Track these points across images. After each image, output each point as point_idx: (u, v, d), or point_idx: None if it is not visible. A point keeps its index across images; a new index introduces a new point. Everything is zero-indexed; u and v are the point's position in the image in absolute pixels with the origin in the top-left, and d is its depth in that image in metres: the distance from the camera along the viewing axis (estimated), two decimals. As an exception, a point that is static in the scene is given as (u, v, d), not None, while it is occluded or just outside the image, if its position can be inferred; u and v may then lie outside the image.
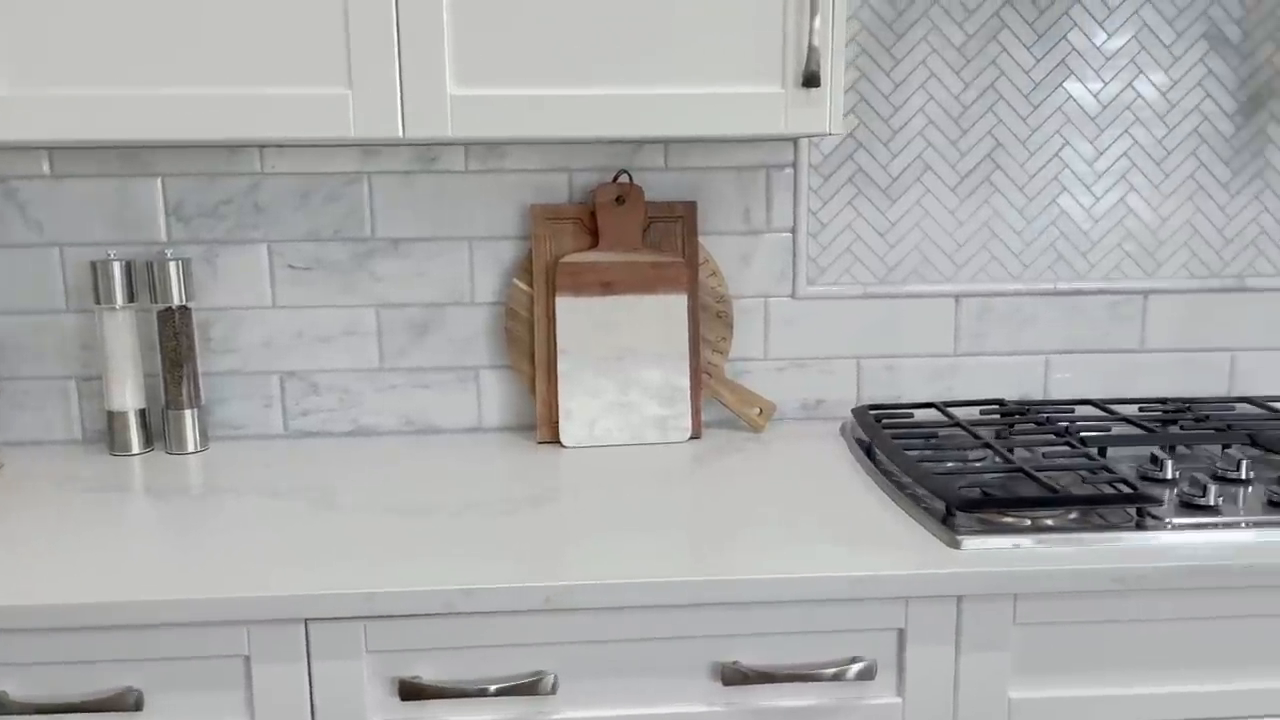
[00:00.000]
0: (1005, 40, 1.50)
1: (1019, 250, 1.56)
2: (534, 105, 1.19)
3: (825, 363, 1.58)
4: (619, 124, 1.20)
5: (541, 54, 1.18)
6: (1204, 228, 1.56)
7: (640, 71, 1.19)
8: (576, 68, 1.19)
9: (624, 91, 1.19)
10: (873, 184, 1.53)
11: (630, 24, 1.18)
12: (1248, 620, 1.06)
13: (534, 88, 1.19)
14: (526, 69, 1.18)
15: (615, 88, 1.20)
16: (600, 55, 1.19)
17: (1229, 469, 1.25)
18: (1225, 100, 1.52)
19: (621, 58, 1.19)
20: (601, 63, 1.19)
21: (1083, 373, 1.59)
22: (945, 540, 1.08)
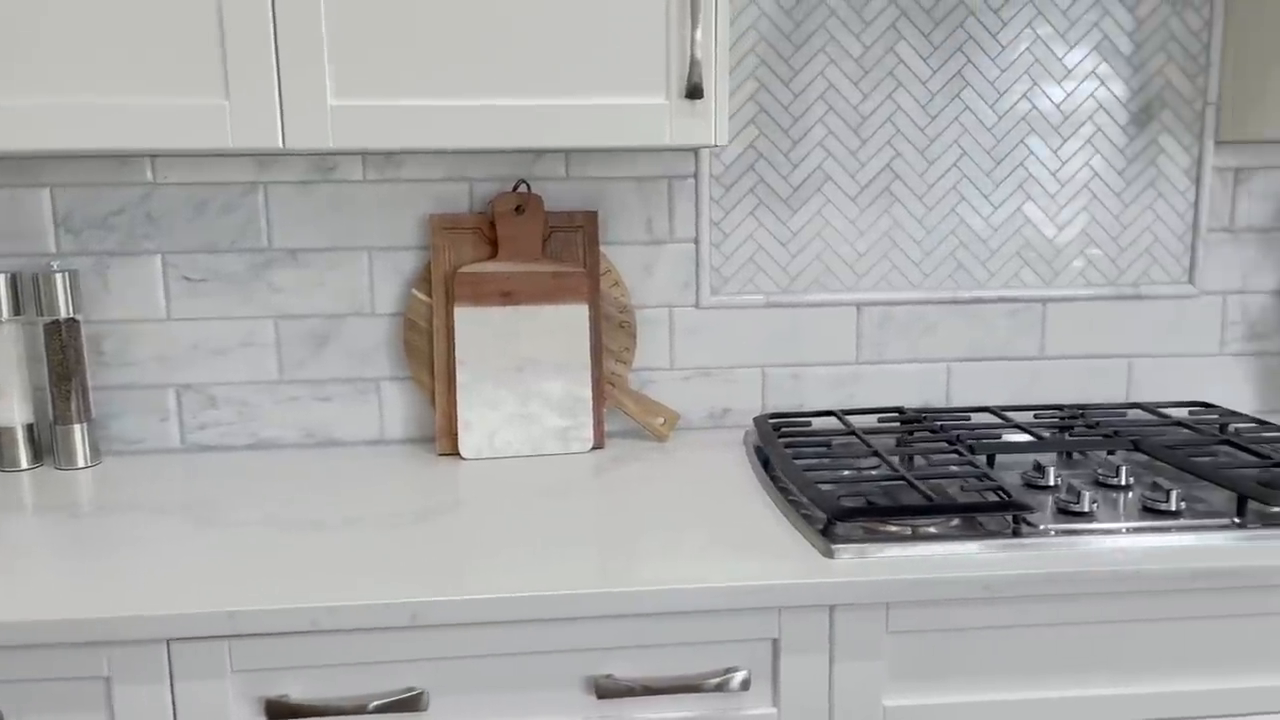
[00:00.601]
0: (902, 52, 1.51)
1: (919, 259, 1.57)
2: (416, 116, 1.18)
3: (730, 372, 1.58)
4: (502, 135, 1.19)
5: (424, 65, 1.17)
6: (1100, 236, 1.58)
7: (525, 83, 1.19)
8: (459, 79, 1.18)
9: (508, 102, 1.19)
10: (774, 194, 1.54)
11: (515, 36, 1.18)
12: (1116, 625, 1.07)
13: (415, 98, 1.18)
14: (408, 80, 1.17)
15: (499, 99, 1.19)
16: (485, 66, 1.18)
17: (1110, 475, 1.27)
18: (1118, 111, 1.55)
19: (507, 69, 1.18)
20: (486, 74, 1.18)
21: (984, 380, 1.61)
22: (821, 550, 1.08)
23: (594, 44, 1.19)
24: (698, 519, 1.19)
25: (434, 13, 1.17)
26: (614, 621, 1.02)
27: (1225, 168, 1.58)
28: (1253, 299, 1.62)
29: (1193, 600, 1.07)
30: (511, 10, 1.18)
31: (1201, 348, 1.62)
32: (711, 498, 1.27)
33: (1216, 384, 1.63)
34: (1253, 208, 1.59)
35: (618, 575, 1.03)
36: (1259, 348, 1.63)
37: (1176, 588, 1.05)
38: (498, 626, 1.01)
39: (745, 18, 1.49)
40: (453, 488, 1.33)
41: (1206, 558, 1.06)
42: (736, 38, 1.49)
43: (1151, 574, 1.04)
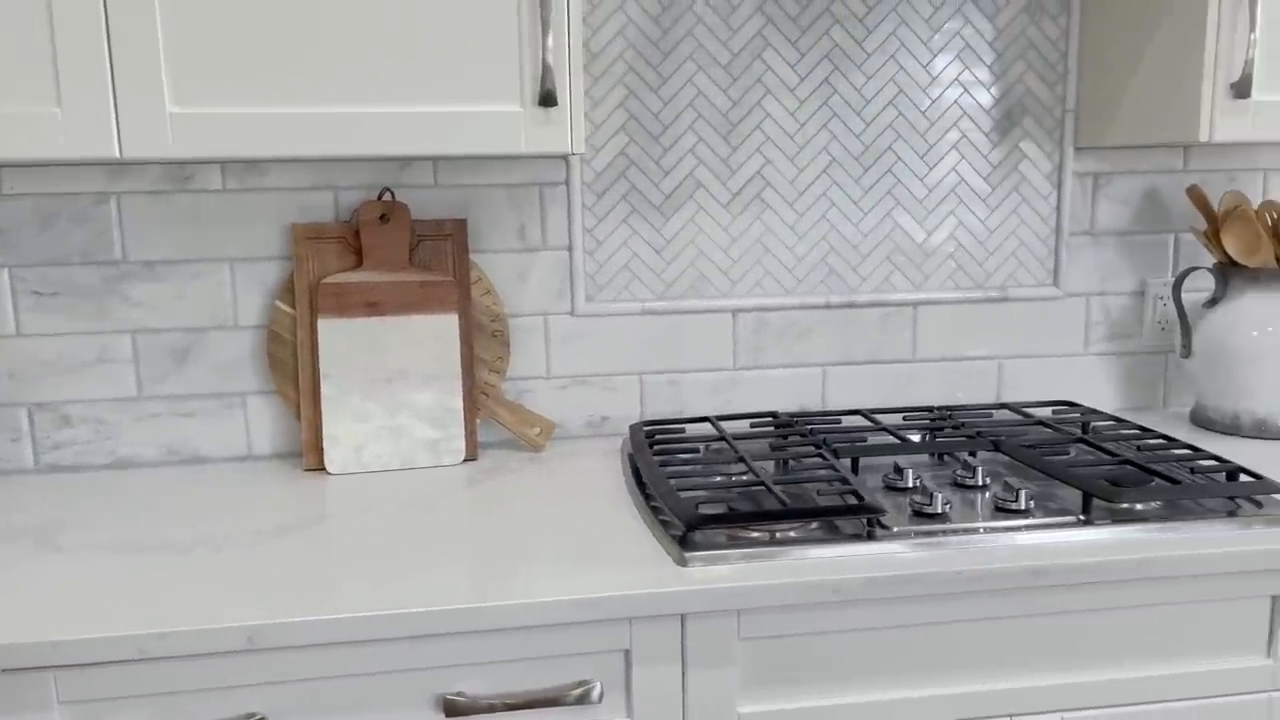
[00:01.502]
0: (770, 60, 1.52)
1: (792, 265, 1.59)
2: (262, 124, 1.15)
3: (607, 379, 1.58)
4: (354, 142, 1.17)
5: (270, 72, 1.14)
6: (967, 241, 1.62)
7: (379, 90, 1.17)
8: (309, 86, 1.15)
9: (360, 110, 1.17)
10: (647, 201, 1.54)
11: (367, 43, 1.16)
12: (965, 625, 1.09)
13: (260, 106, 1.15)
14: (252, 88, 1.14)
15: (351, 106, 1.17)
16: (337, 74, 1.16)
17: (968, 476, 1.29)
18: (982, 118, 1.59)
19: (360, 76, 1.16)
20: (338, 81, 1.16)
21: (858, 383, 1.63)
22: (675, 558, 1.08)
23: (447, 51, 1.17)
24: (562, 531, 1.18)
25: (279, 19, 1.14)
26: (463, 638, 1.00)
27: (1085, 173, 1.62)
28: (1114, 300, 1.66)
29: (1039, 598, 1.09)
30: (363, 18, 1.15)
31: (1066, 348, 1.67)
32: (579, 508, 1.26)
33: (1081, 383, 1.68)
34: (1112, 212, 1.64)
35: (470, 591, 1.01)
36: (1120, 347, 1.68)
37: (1020, 586, 1.07)
38: (341, 647, 0.98)
39: (612, 24, 1.48)
40: (315, 504, 1.29)
41: (1049, 556, 1.08)
42: (604, 45, 1.49)
43: (995, 573, 1.06)
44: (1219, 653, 1.14)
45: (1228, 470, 1.23)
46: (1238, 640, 1.14)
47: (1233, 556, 1.09)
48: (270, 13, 1.14)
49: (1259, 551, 1.10)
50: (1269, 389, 1.48)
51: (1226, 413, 1.53)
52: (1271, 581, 1.12)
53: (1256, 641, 1.14)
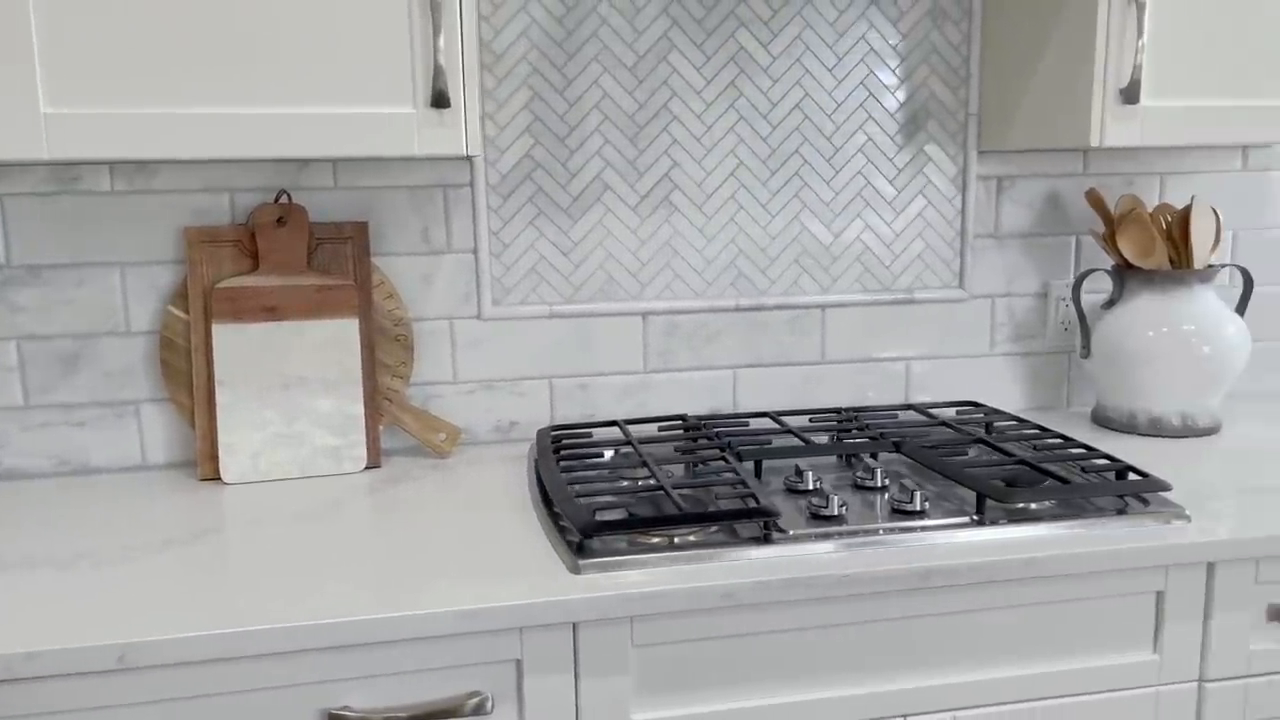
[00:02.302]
0: (676, 62, 1.52)
1: (701, 268, 1.59)
2: (142, 124, 1.11)
3: (516, 384, 1.56)
4: (240, 144, 1.14)
5: (153, 73, 1.11)
6: (874, 244, 1.63)
7: (265, 91, 1.14)
8: (196, 87, 1.12)
9: (247, 111, 1.13)
10: (554, 204, 1.53)
11: (252, 43, 1.13)
12: (858, 627, 1.10)
13: (139, 106, 1.11)
14: (135, 88, 1.11)
15: (238, 107, 1.13)
16: (225, 74, 1.12)
17: (867, 478, 1.30)
18: (887, 122, 1.60)
19: (250, 77, 1.13)
20: (227, 82, 1.12)
21: (768, 385, 1.64)
22: (569, 566, 1.07)
23: (337, 51, 1.15)
24: (460, 540, 1.16)
25: (160, 18, 1.10)
26: (349, 651, 0.98)
27: (989, 176, 1.65)
28: (1018, 301, 1.69)
29: (930, 598, 1.10)
30: (249, 17, 1.12)
31: (973, 349, 1.69)
32: (480, 517, 1.24)
33: (987, 383, 1.70)
34: (1015, 214, 1.66)
35: (358, 603, 0.99)
36: (1025, 348, 1.71)
37: (911, 587, 1.08)
38: (219, 664, 0.95)
39: (515, 25, 1.47)
40: (206, 515, 1.26)
41: (940, 556, 1.09)
42: (507, 46, 1.47)
43: (885, 575, 1.07)
44: (1107, 649, 1.16)
45: (1117, 469, 1.25)
46: (1125, 636, 1.16)
47: (1119, 554, 1.11)
48: (152, 12, 1.10)
49: (1144, 548, 1.12)
50: (1163, 388, 1.52)
51: (1124, 411, 1.57)
52: (1156, 578, 1.15)
53: (1143, 637, 1.16)
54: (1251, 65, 1.36)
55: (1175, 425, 1.53)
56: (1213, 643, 1.17)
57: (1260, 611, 1.18)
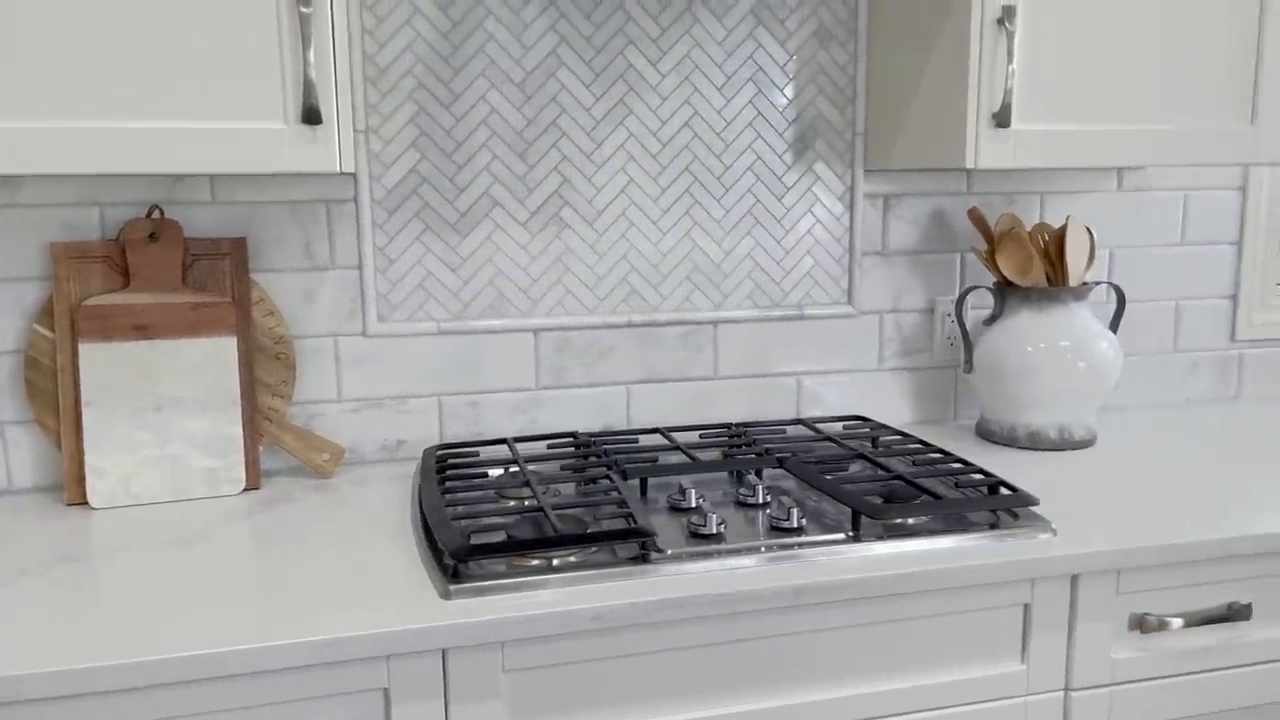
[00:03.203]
0: (564, 78, 1.52)
1: (593, 284, 1.58)
2: (4, 139, 1.07)
3: (403, 402, 1.54)
4: (106, 158, 1.10)
5: (17, 86, 1.06)
6: (764, 260, 1.65)
7: (132, 106, 1.10)
8: (55, 100, 1.08)
9: (114, 125, 1.10)
10: (441, 219, 1.51)
11: (118, 56, 1.09)
12: (732, 646, 1.10)
13: (3, 120, 1.07)
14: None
15: (104, 120, 1.10)
16: (87, 87, 1.08)
17: (749, 495, 1.31)
18: (775, 140, 1.62)
19: (113, 91, 1.09)
20: (89, 95, 1.09)
21: (662, 401, 1.64)
22: (440, 591, 1.05)
23: (208, 65, 1.12)
24: (334, 564, 1.14)
25: (26, 31, 1.06)
26: (205, 686, 0.95)
27: (876, 194, 1.68)
28: (905, 317, 1.72)
29: (803, 615, 1.11)
30: (116, 31, 1.09)
31: (862, 364, 1.72)
32: (358, 540, 1.22)
33: (876, 398, 1.73)
34: (902, 232, 1.70)
35: (216, 635, 0.96)
36: (913, 362, 1.74)
37: (785, 605, 1.09)
38: (64, 701, 0.91)
39: (400, 39, 1.45)
40: (69, 542, 1.21)
41: (814, 574, 1.10)
42: (391, 60, 1.45)
43: (758, 593, 1.07)
44: (977, 661, 1.18)
45: (990, 484, 1.28)
46: (994, 648, 1.18)
47: (986, 569, 1.14)
48: (14, 24, 1.06)
49: (1010, 563, 1.15)
50: (1040, 402, 1.56)
51: (1005, 425, 1.61)
52: (1023, 591, 1.17)
53: (1011, 648, 1.19)
54: (1118, 91, 1.41)
55: (1053, 438, 1.58)
56: (1077, 652, 1.20)
57: (1122, 621, 1.22)
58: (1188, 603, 1.24)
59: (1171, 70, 1.42)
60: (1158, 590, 1.22)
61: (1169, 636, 1.23)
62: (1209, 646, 1.24)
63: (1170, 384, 1.87)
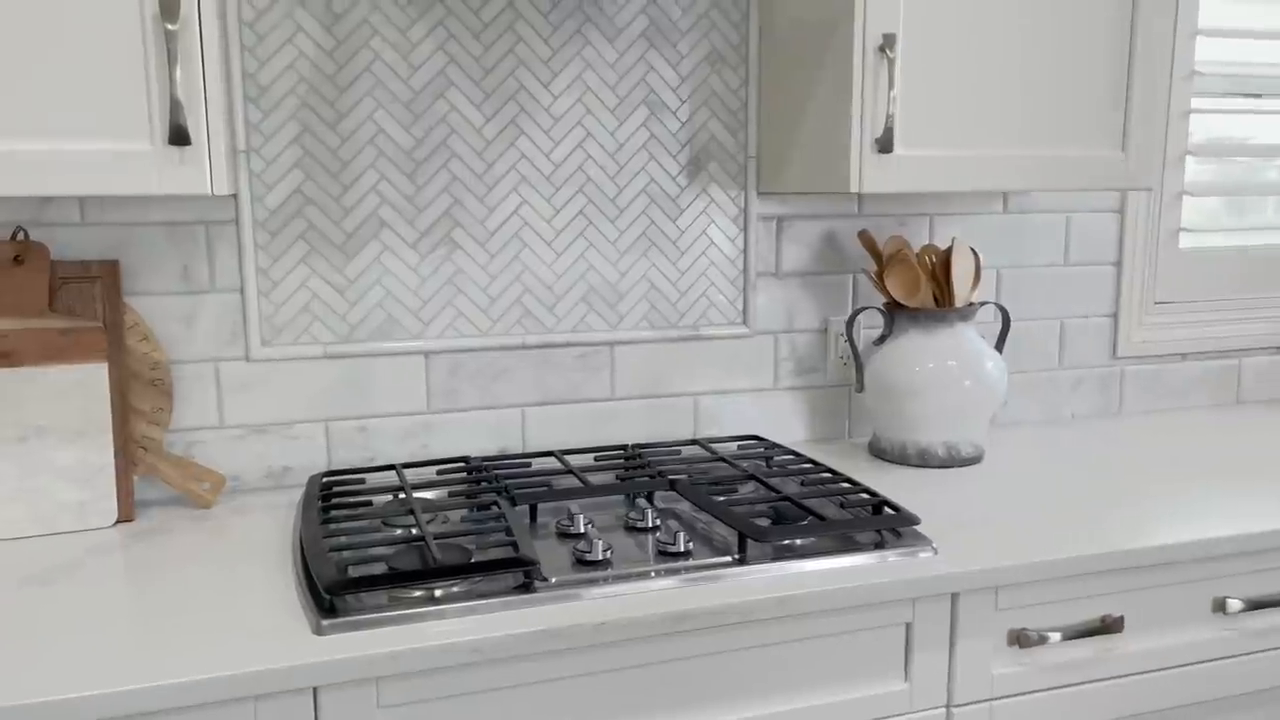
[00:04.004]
0: (454, 98, 1.50)
1: (486, 306, 1.57)
2: None
3: (289, 428, 1.49)
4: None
5: None
6: (659, 281, 1.65)
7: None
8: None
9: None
10: (327, 241, 1.48)
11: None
12: (613, 675, 1.09)
13: None
14: None
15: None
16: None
17: (639, 519, 1.31)
18: (669, 162, 1.62)
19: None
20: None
21: (559, 424, 1.63)
22: (313, 627, 1.02)
23: (74, 84, 1.07)
24: (206, 599, 1.09)
25: None
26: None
27: (769, 216, 1.69)
28: (800, 337, 1.74)
29: (686, 641, 1.10)
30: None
31: (758, 384, 1.73)
32: (234, 573, 1.17)
33: (772, 417, 1.74)
34: (795, 253, 1.71)
35: (75, 678, 0.91)
36: (808, 382, 1.76)
37: (667, 631, 1.08)
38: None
39: (282, 57, 1.42)
40: (-81, 583, 1.14)
41: (698, 599, 1.10)
42: (273, 78, 1.42)
43: (639, 621, 1.06)
44: (861, 680, 1.19)
45: (875, 504, 1.30)
46: (877, 667, 1.20)
47: (867, 589, 1.15)
48: None
49: (891, 583, 1.16)
50: (929, 421, 1.59)
51: (896, 443, 1.63)
52: (905, 610, 1.19)
53: (894, 667, 1.21)
54: (998, 118, 1.45)
55: (941, 456, 1.61)
56: (958, 669, 1.22)
57: (1002, 637, 1.24)
58: (1064, 617, 1.27)
59: (1049, 99, 1.47)
60: (1035, 605, 1.25)
61: (1047, 650, 1.26)
62: (1085, 659, 1.28)
63: (1056, 400, 1.92)
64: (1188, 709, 1.34)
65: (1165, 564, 1.29)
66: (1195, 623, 1.33)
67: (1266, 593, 1.36)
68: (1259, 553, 1.33)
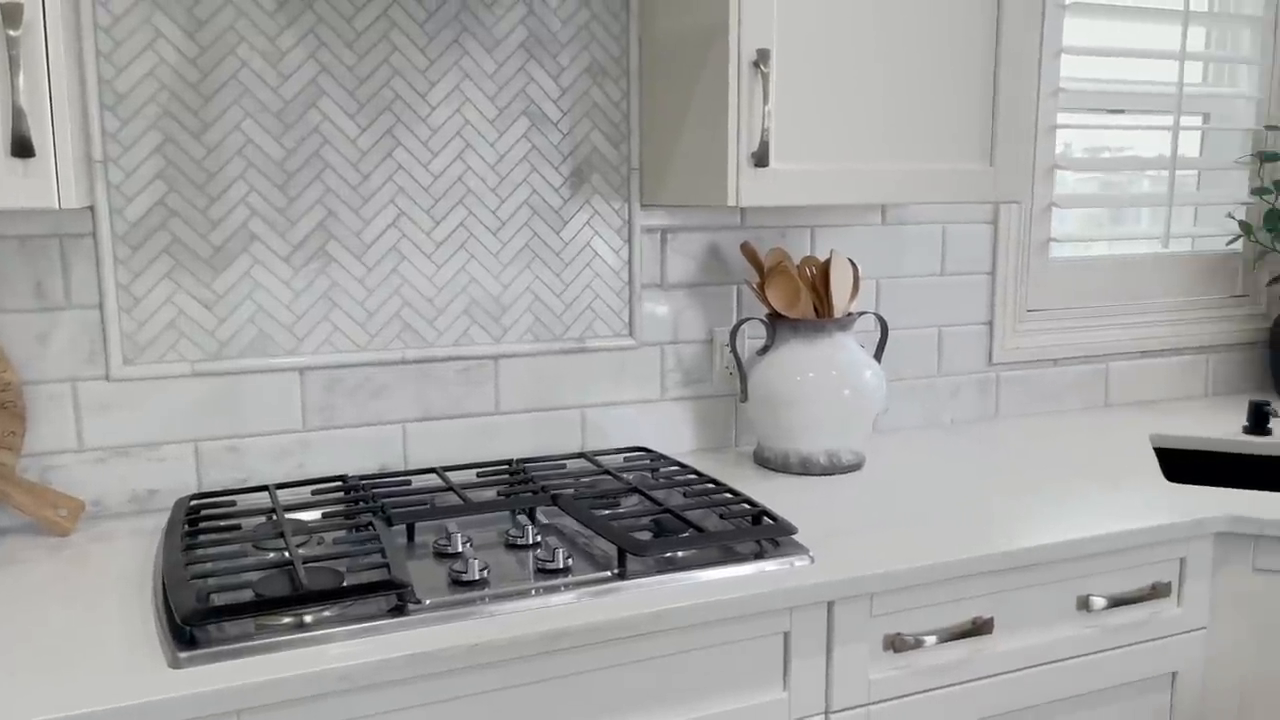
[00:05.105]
0: (326, 108, 1.46)
1: (364, 320, 1.53)
2: None
3: (155, 449, 1.43)
4: None
5: None
6: (544, 294, 1.64)
7: None
8: None
9: None
10: (194, 255, 1.42)
11: None
12: (490, 696, 1.07)
13: None
14: None
15: None
16: None
17: (519, 536, 1.29)
18: (551, 174, 1.62)
19: None
20: None
21: (442, 439, 1.60)
22: (169, 660, 0.98)
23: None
24: (58, 634, 1.04)
25: None
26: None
27: (653, 228, 1.70)
28: (685, 348, 1.75)
29: (565, 659, 1.09)
30: None
31: (645, 395, 1.73)
32: (91, 604, 1.12)
33: (660, 428, 1.75)
34: (680, 265, 1.72)
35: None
36: (694, 392, 1.77)
37: (542, 650, 1.07)
38: None
39: (141, 64, 1.36)
40: None
41: (574, 616, 1.09)
42: (133, 86, 1.36)
43: (513, 641, 1.05)
44: (741, 691, 1.20)
45: (754, 514, 1.31)
46: (757, 677, 1.21)
47: (743, 601, 1.16)
48: None
49: (767, 594, 1.17)
50: (810, 429, 1.62)
51: (779, 452, 1.65)
52: (782, 619, 1.20)
53: (773, 676, 1.22)
54: (871, 133, 1.48)
55: (823, 463, 1.64)
56: (836, 675, 1.24)
57: (877, 642, 1.26)
58: (938, 620, 1.30)
59: (919, 114, 1.51)
60: (910, 610, 1.28)
61: (921, 654, 1.29)
62: (957, 661, 1.31)
63: (936, 406, 1.98)
64: (1055, 704, 1.39)
65: (1032, 565, 1.33)
66: (1061, 621, 1.38)
67: (1127, 589, 1.42)
68: (1120, 551, 1.39)
